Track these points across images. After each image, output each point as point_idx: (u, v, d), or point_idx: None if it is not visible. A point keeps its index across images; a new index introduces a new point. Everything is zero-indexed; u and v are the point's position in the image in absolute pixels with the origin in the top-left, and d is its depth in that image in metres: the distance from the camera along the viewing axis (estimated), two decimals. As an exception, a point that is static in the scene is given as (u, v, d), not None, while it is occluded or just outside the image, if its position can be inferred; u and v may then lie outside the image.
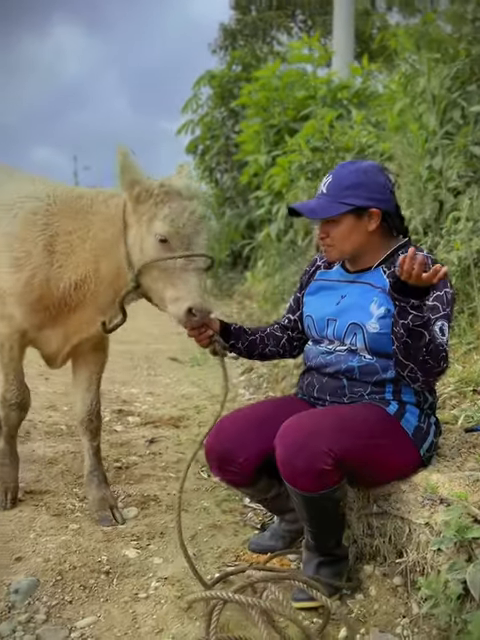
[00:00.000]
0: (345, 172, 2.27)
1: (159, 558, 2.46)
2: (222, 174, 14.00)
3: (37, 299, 2.45)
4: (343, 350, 2.30)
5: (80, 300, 2.47)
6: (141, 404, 4.77)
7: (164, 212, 2.24)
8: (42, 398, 4.67)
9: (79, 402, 2.81)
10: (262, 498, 2.51)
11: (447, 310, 2.13)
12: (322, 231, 2.29)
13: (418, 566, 2.07)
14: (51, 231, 2.45)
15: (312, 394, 2.42)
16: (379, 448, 2.14)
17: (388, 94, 7.48)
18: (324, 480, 2.03)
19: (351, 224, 2.24)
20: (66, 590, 2.21)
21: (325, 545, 2.21)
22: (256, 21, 17.69)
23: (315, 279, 2.51)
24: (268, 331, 2.61)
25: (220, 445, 2.32)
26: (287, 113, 8.59)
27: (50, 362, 2.80)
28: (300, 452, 2.01)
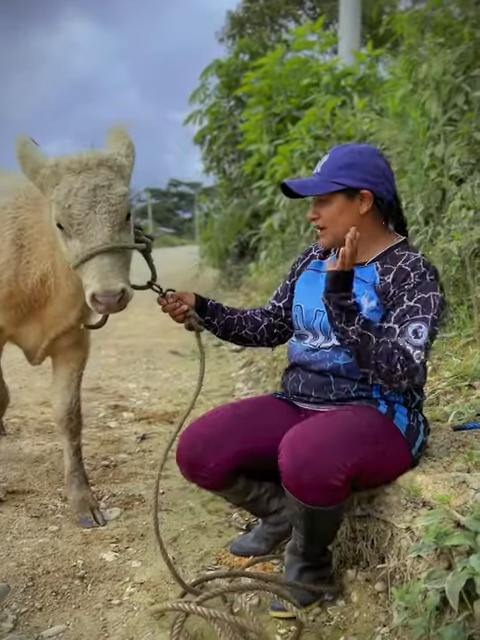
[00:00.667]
0: (340, 153, 2.18)
1: (137, 561, 2.40)
2: (229, 164, 13.87)
3: (7, 296, 2.38)
4: (328, 347, 2.22)
5: (47, 295, 2.38)
6: (136, 399, 4.71)
7: (53, 195, 2.05)
8: (37, 394, 4.62)
9: (58, 400, 2.74)
10: (240, 501, 2.43)
11: (431, 314, 2.02)
12: (313, 212, 2.20)
13: (398, 572, 1.98)
14: (18, 225, 2.36)
15: (296, 390, 2.33)
16: (384, 453, 2.07)
17: (392, 81, 7.33)
18: (334, 496, 1.95)
19: (342, 204, 2.14)
20: (37, 596, 2.15)
21: (313, 553, 2.13)
22: (264, 9, 17.49)
23: (308, 269, 2.42)
24: (248, 314, 2.52)
25: (190, 450, 2.24)
26: (290, 101, 8.44)
27: (30, 358, 2.74)
28: (308, 467, 1.91)
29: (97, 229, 2.01)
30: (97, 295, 1.97)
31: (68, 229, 2.03)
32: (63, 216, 2.02)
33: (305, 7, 18.68)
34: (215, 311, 2.43)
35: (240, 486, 2.34)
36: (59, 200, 2.02)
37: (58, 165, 2.06)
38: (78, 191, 2.01)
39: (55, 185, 2.05)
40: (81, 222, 2.00)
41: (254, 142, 8.76)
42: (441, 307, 2.08)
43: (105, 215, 2.02)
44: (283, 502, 2.44)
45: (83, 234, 2.01)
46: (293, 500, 1.99)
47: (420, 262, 2.11)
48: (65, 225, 2.04)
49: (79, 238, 2.02)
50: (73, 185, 2.02)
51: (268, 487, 2.42)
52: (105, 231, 2.01)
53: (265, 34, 16.15)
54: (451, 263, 4.16)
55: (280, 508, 2.45)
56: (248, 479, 2.36)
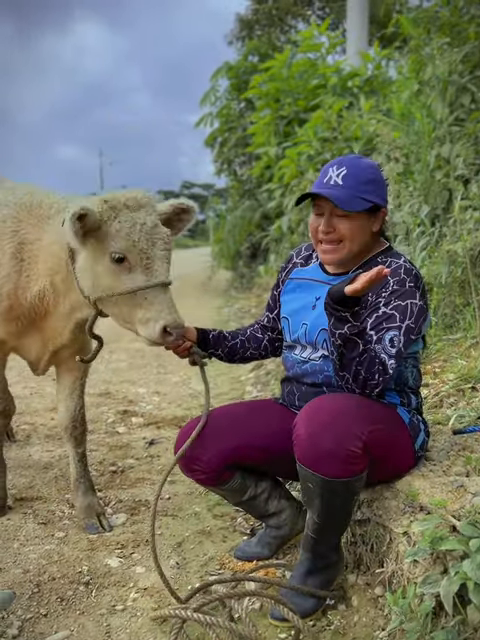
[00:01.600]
0: (361, 165, 2.16)
1: (142, 567, 2.43)
2: (240, 166, 13.91)
3: (7, 309, 2.43)
4: (318, 358, 2.24)
5: (46, 309, 2.44)
6: (146, 404, 4.75)
7: (115, 227, 2.12)
8: (47, 400, 4.68)
9: (63, 408, 2.78)
10: (238, 501, 2.46)
11: (407, 322, 2.02)
12: (328, 224, 2.13)
13: (396, 577, 2.00)
14: (19, 239, 2.41)
15: (294, 402, 2.37)
16: (393, 438, 2.09)
17: (400, 81, 7.33)
18: (352, 465, 1.93)
19: (363, 222, 2.14)
20: (42, 603, 2.19)
21: (323, 543, 2.11)
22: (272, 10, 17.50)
23: (291, 277, 2.43)
24: (249, 333, 2.56)
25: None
26: (298, 103, 8.45)
27: (33, 368, 2.79)
28: (328, 432, 1.90)
29: (159, 264, 2.15)
30: (169, 327, 2.09)
31: (135, 262, 2.12)
32: (134, 249, 2.11)
33: (314, 7, 18.69)
34: (217, 341, 2.47)
35: (236, 483, 2.37)
36: (127, 233, 2.11)
37: (114, 200, 2.15)
38: (142, 227, 2.13)
39: (114, 219, 2.12)
40: (149, 256, 2.12)
41: (262, 145, 8.79)
42: (420, 315, 2.07)
43: (164, 252, 2.17)
44: (283, 504, 2.48)
45: (150, 268, 2.12)
46: (309, 475, 1.97)
47: (401, 269, 2.10)
48: (132, 258, 2.12)
49: (145, 272, 2.13)
50: (137, 220, 2.13)
51: (265, 487, 2.45)
52: (165, 266, 2.17)
53: (274, 35, 16.19)
54: (457, 264, 4.16)
55: (280, 510, 2.48)
56: (244, 477, 2.39)
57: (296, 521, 2.50)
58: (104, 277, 2.17)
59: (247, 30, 17.41)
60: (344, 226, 2.12)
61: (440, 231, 4.73)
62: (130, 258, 2.12)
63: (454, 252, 4.16)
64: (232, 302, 11.11)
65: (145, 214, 2.17)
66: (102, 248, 2.14)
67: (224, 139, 14.10)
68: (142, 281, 2.12)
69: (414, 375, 2.27)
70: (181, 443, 2.33)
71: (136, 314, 2.15)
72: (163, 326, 2.10)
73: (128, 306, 2.16)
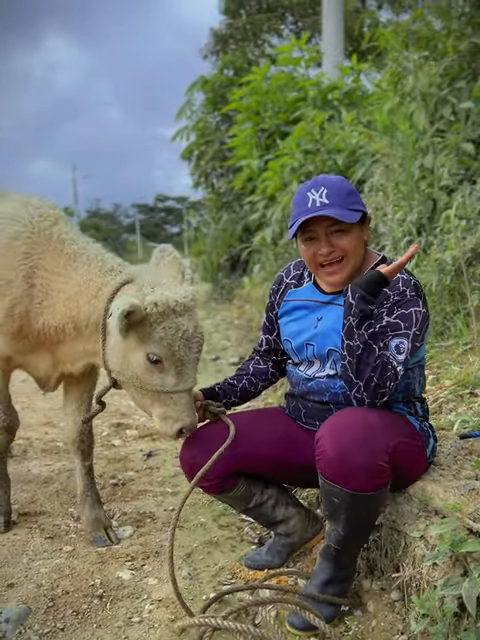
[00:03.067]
0: (336, 181, 2.17)
1: (154, 579, 2.43)
2: (218, 179, 13.98)
3: (18, 330, 2.43)
4: (322, 377, 2.26)
5: (61, 340, 2.44)
6: (139, 416, 4.73)
7: (159, 334, 2.14)
8: (39, 415, 4.64)
9: (70, 422, 2.78)
10: (244, 508, 2.47)
11: (412, 330, 2.05)
12: (328, 245, 2.13)
13: (414, 581, 2.02)
14: (32, 262, 2.40)
15: (300, 418, 2.40)
16: (412, 448, 2.12)
17: (378, 94, 7.44)
18: (379, 479, 1.95)
19: (358, 233, 2.17)
20: (58, 617, 2.17)
21: (346, 554, 2.12)
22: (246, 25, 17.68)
23: (285, 299, 2.42)
24: (252, 370, 2.54)
25: (189, 452, 2.32)
26: (278, 116, 8.55)
27: (42, 386, 2.77)
28: (358, 448, 1.91)
29: (190, 368, 2.21)
30: (186, 429, 2.22)
31: (168, 366, 2.16)
32: (172, 356, 2.15)
33: (287, 22, 18.91)
34: (226, 392, 2.47)
35: (241, 490, 2.38)
36: (169, 342, 2.14)
37: (164, 304, 2.14)
38: (184, 334, 2.16)
39: (159, 323, 2.13)
40: (183, 363, 2.16)
41: (244, 158, 8.85)
42: (424, 322, 2.10)
43: (196, 354, 2.23)
44: (290, 511, 2.49)
45: (181, 373, 2.18)
46: (336, 491, 1.97)
47: (399, 282, 2.12)
48: (167, 363, 2.16)
49: (176, 376, 2.17)
50: (180, 327, 2.15)
51: (271, 494, 2.46)
52: (195, 368, 2.23)
53: (248, 49, 16.33)
54: (445, 272, 4.23)
55: (288, 518, 2.49)
56: (250, 484, 2.40)
57: (305, 528, 2.52)
58: (136, 368, 2.20)
59: (221, 44, 17.56)
60: (343, 241, 2.14)
61: (427, 240, 4.81)
62: (165, 362, 2.16)
63: (443, 260, 4.23)
64: (213, 314, 11.13)
65: (189, 319, 2.20)
66: (141, 344, 2.16)
67: (201, 152, 14.18)
68: (171, 384, 2.18)
69: (421, 384, 2.31)
70: (185, 453, 2.35)
71: (157, 408, 2.22)
72: (180, 428, 2.21)
73: (151, 399, 2.22)
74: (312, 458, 2.14)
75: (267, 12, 18.42)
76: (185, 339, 2.16)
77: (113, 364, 2.26)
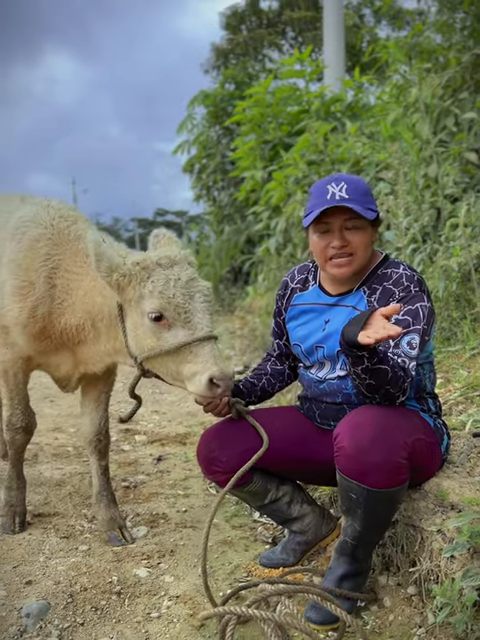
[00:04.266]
0: (356, 179, 2.24)
1: (170, 576, 2.44)
2: (219, 192, 14.06)
3: (40, 329, 2.46)
4: (334, 378, 2.29)
5: (81, 340, 2.46)
6: (147, 422, 4.76)
7: (148, 288, 2.14)
8: (48, 421, 4.66)
9: (87, 422, 2.80)
10: (260, 504, 2.49)
11: (421, 325, 2.09)
12: (341, 239, 2.17)
13: (432, 574, 2.05)
14: (52, 263, 2.44)
15: (314, 419, 2.43)
16: (428, 446, 2.14)
17: (380, 105, 7.54)
18: (398, 475, 1.98)
19: (369, 232, 2.21)
20: (77, 612, 2.19)
21: (363, 550, 2.13)
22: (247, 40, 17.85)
23: (292, 304, 2.46)
24: (270, 370, 2.57)
25: (206, 447, 2.35)
26: (281, 128, 8.64)
27: (62, 386, 2.78)
28: (376, 445, 1.94)
29: (200, 316, 2.13)
30: (216, 378, 2.07)
31: (173, 318, 2.12)
32: (169, 305, 2.11)
33: (287, 37, 19.10)
34: (250, 389, 2.48)
35: (256, 486, 2.40)
36: (160, 291, 2.11)
37: (146, 260, 2.16)
38: (177, 282, 2.13)
39: (147, 279, 2.14)
40: (187, 310, 2.11)
41: (247, 169, 8.93)
42: (430, 316, 2.14)
43: (204, 304, 2.17)
44: (305, 509, 2.51)
45: (190, 322, 2.11)
46: (353, 487, 2.00)
47: (402, 278, 2.17)
48: (170, 315, 2.12)
49: (186, 326, 2.12)
50: (170, 277, 2.13)
51: (287, 490, 2.48)
52: (207, 318, 2.16)
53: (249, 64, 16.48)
54: (451, 279, 4.28)
55: (302, 515, 2.51)
56: (265, 480, 2.42)
57: (320, 526, 2.54)
58: (147, 338, 2.18)
59: (222, 59, 17.74)
60: (356, 238, 2.18)
61: (432, 248, 4.86)
62: (167, 315, 2.13)
63: (449, 267, 4.28)
64: (215, 325, 11.13)
65: (179, 269, 2.18)
66: (140, 310, 2.17)
67: (202, 165, 14.27)
68: (184, 336, 2.12)
69: (431, 379, 2.34)
70: (202, 447, 2.38)
71: (183, 370, 2.15)
72: (209, 378, 2.08)
73: (175, 363, 2.16)
74: (328, 456, 2.17)
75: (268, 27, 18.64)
76: (180, 287, 2.13)
77: (134, 347, 2.25)
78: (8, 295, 2.48)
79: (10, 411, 2.72)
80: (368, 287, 2.24)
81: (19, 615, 2.15)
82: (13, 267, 2.48)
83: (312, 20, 17.68)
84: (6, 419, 2.74)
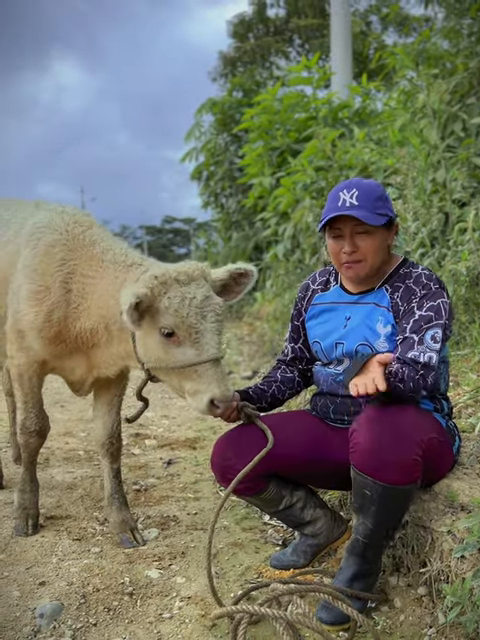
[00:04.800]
0: (369, 185, 2.28)
1: (182, 577, 2.46)
2: (227, 199, 14.13)
3: (56, 334, 2.49)
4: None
5: (95, 343, 2.49)
6: (157, 427, 4.79)
7: (164, 304, 2.16)
8: (59, 425, 4.68)
9: (100, 425, 2.82)
10: (274, 510, 2.51)
11: (443, 319, 2.15)
12: (351, 245, 2.23)
13: (442, 575, 2.06)
14: (68, 268, 2.47)
15: (328, 415, 2.43)
16: (441, 445, 2.18)
17: (388, 111, 7.57)
18: (412, 472, 2.01)
19: (382, 236, 2.26)
20: (90, 613, 2.21)
21: (374, 549, 2.16)
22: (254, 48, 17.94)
23: (313, 303, 2.50)
24: (280, 377, 2.58)
25: (220, 456, 2.36)
26: (289, 135, 8.69)
27: (76, 389, 2.81)
28: (393, 442, 1.97)
29: (210, 337, 2.16)
30: (217, 400, 2.14)
31: (184, 337, 2.16)
32: (182, 324, 2.14)
33: (295, 44, 19.17)
34: (260, 395, 2.50)
35: (271, 493, 2.42)
36: (175, 309, 2.14)
37: (165, 275, 2.18)
38: (192, 301, 2.15)
39: (164, 294, 2.16)
40: (198, 331, 2.14)
41: (255, 176, 8.98)
42: (451, 312, 2.21)
43: (215, 324, 2.19)
44: (318, 513, 2.52)
45: (199, 342, 2.15)
46: (368, 483, 2.02)
47: (422, 277, 2.24)
48: (182, 333, 2.16)
49: (194, 346, 2.15)
50: (186, 295, 2.15)
51: (300, 495, 2.50)
52: (216, 339, 2.19)
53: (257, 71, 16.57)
54: (460, 283, 4.29)
55: (315, 519, 2.52)
56: (280, 486, 2.44)
57: (331, 529, 2.55)
58: (155, 350, 2.23)
59: (230, 67, 17.83)
60: (366, 243, 2.23)
61: (440, 252, 4.88)
62: (179, 333, 2.16)
63: (457, 271, 4.29)
64: (224, 331, 11.18)
65: (196, 287, 2.20)
66: (153, 322, 2.19)
67: (210, 173, 14.35)
68: (192, 356, 2.16)
69: (446, 380, 2.37)
70: (216, 457, 2.40)
71: (186, 386, 2.21)
72: (210, 399, 2.15)
73: (179, 378, 2.22)
74: (341, 456, 2.19)
75: (275, 35, 18.73)
76: (195, 307, 2.15)
77: (141, 354, 2.29)
78: (24, 300, 2.51)
79: (24, 414, 2.75)
80: (390, 285, 2.30)
81: (33, 615, 2.17)
82: (29, 272, 2.51)
83: (319, 27, 17.75)
84: (20, 422, 2.77)
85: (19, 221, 2.73)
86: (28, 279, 2.51)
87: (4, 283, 2.65)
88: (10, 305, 2.61)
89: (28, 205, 2.89)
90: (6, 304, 2.64)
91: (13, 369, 2.70)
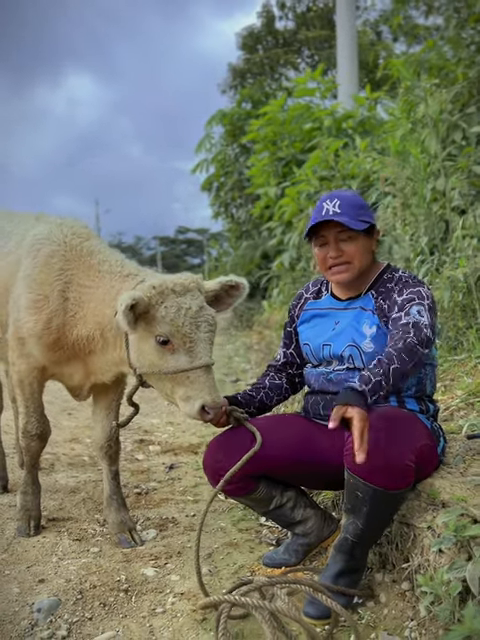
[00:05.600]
0: (349, 195, 2.44)
1: (176, 575, 2.54)
2: (237, 209, 14.26)
3: (54, 341, 2.60)
4: (342, 369, 2.41)
5: (91, 350, 2.60)
6: (162, 433, 4.89)
7: (161, 313, 2.26)
8: (65, 432, 4.80)
9: (99, 429, 2.93)
10: (265, 510, 2.59)
11: (426, 302, 2.22)
12: (336, 250, 2.36)
13: (422, 569, 2.12)
14: (66, 278, 2.59)
15: (318, 412, 2.51)
16: (430, 449, 2.26)
17: (392, 121, 7.65)
18: (405, 478, 2.08)
19: (364, 242, 2.40)
20: (86, 608, 2.30)
21: (362, 547, 2.23)
22: (263, 59, 18.10)
23: (305, 309, 2.63)
24: (268, 384, 2.67)
25: (212, 457, 2.44)
26: (294, 145, 8.81)
27: (75, 394, 2.93)
28: (389, 448, 2.03)
29: (203, 346, 2.28)
30: (207, 406, 2.23)
31: (178, 345, 2.27)
32: (177, 333, 2.26)
33: (303, 55, 19.34)
34: (248, 401, 2.59)
35: (262, 493, 2.50)
36: (171, 318, 2.25)
37: (162, 286, 2.29)
38: (187, 311, 2.27)
39: (161, 303, 2.27)
40: (192, 340, 2.26)
41: (261, 186, 9.10)
42: (433, 300, 2.28)
43: (207, 334, 2.31)
44: (308, 513, 2.60)
45: (193, 350, 2.26)
46: (360, 485, 2.09)
47: (402, 278, 2.38)
48: (176, 341, 2.27)
49: (188, 354, 2.27)
50: (182, 305, 2.27)
51: (291, 496, 2.58)
52: (208, 348, 2.31)
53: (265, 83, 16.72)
54: (457, 289, 4.36)
55: (305, 519, 2.60)
56: (270, 487, 2.52)
57: (322, 528, 2.62)
58: (149, 355, 2.33)
59: (239, 79, 18.02)
60: (350, 248, 2.37)
61: (439, 259, 4.95)
62: (174, 341, 2.27)
63: (455, 278, 4.36)
64: (233, 340, 11.30)
65: (191, 298, 2.31)
66: (149, 329, 2.30)
67: (220, 184, 14.50)
68: (185, 362, 2.26)
69: (432, 382, 2.45)
70: (208, 458, 2.49)
71: (178, 391, 2.31)
72: (202, 405, 2.25)
73: (171, 383, 2.32)
74: (330, 458, 2.30)
75: (284, 47, 18.90)
76: (190, 317, 2.26)
77: (133, 359, 2.40)
78: (24, 308, 2.63)
79: (26, 419, 2.86)
80: (375, 290, 2.42)
81: (31, 610, 2.27)
82: (29, 282, 2.63)
83: (327, 39, 17.90)
84: (22, 427, 2.88)
85: (20, 233, 2.85)
86: (28, 288, 2.62)
87: (5, 292, 2.77)
88: (11, 313, 2.72)
89: (29, 217, 3.01)
90: (7, 312, 2.76)
91: (14, 375, 2.82)
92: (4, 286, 2.77)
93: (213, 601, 1.81)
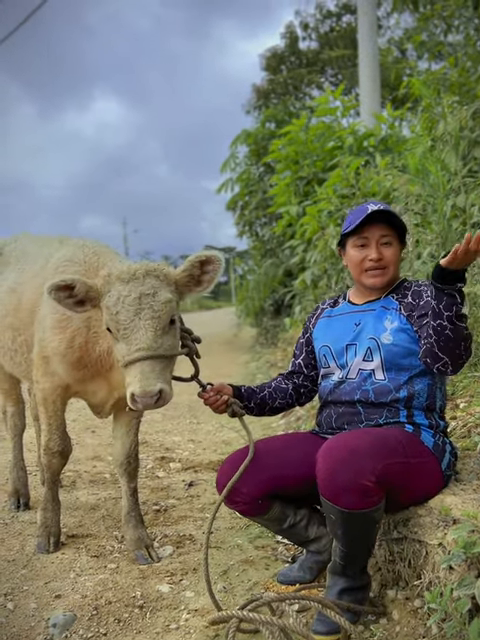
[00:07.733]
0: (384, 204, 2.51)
1: (191, 592, 2.57)
2: (261, 227, 14.33)
3: (78, 359, 2.67)
4: (355, 376, 2.44)
5: (112, 363, 2.64)
6: (183, 450, 4.92)
7: (105, 302, 2.31)
8: (88, 450, 4.86)
9: (119, 445, 2.98)
10: (279, 528, 2.61)
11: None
12: (378, 252, 2.44)
13: (433, 586, 2.12)
14: None
15: (331, 425, 2.54)
16: (412, 467, 2.24)
17: (413, 139, 7.68)
18: (367, 497, 2.10)
19: (398, 248, 2.48)
20: (101, 623, 2.33)
21: (352, 568, 2.25)
22: (287, 80, 18.25)
23: (322, 317, 2.69)
24: (274, 385, 2.74)
25: (226, 478, 2.46)
26: (316, 164, 8.87)
27: (97, 412, 2.99)
28: (343, 468, 2.08)
29: (141, 334, 2.24)
30: (136, 395, 2.19)
31: (115, 333, 2.30)
32: (111, 321, 2.29)
33: (327, 74, 19.47)
34: (249, 395, 2.66)
35: (276, 512, 2.53)
36: (108, 306, 2.29)
37: (110, 275, 2.34)
38: (125, 299, 2.27)
39: (107, 293, 2.32)
40: (127, 327, 2.25)
41: (283, 205, 9.16)
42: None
43: (149, 321, 2.25)
44: (322, 530, 2.62)
45: (128, 338, 2.26)
46: (329, 508, 2.14)
47: (425, 283, 2.44)
48: (113, 330, 2.31)
49: (125, 342, 2.27)
50: (121, 293, 2.28)
51: (304, 514, 2.60)
52: (149, 335, 2.24)
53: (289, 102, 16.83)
54: (478, 305, 4.34)
55: (319, 536, 2.61)
56: (283, 506, 2.55)
57: (335, 546, 2.63)
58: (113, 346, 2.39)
59: (263, 99, 18.17)
60: (389, 252, 2.45)
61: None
62: (112, 329, 2.31)
63: (475, 294, 4.34)
64: (258, 357, 11.32)
65: (135, 285, 2.29)
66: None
67: (245, 202, 14.59)
68: (124, 350, 2.27)
69: (442, 395, 2.47)
70: (222, 477, 2.51)
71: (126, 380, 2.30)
72: (131, 393, 2.21)
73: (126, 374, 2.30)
74: None
75: (307, 66, 19.04)
76: (127, 304, 2.25)
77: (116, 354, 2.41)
78: (49, 328, 2.70)
79: (48, 436, 2.92)
80: (397, 293, 2.48)
81: (46, 625, 2.31)
82: (53, 303, 2.70)
83: (350, 57, 18.00)
84: (44, 444, 2.94)
85: (45, 256, 2.94)
86: (52, 309, 2.69)
87: (31, 314, 2.85)
88: (36, 333, 2.80)
89: (53, 241, 3.10)
90: (32, 333, 2.84)
91: (38, 393, 2.88)
92: (30, 307, 2.86)
93: (223, 616, 1.84)
